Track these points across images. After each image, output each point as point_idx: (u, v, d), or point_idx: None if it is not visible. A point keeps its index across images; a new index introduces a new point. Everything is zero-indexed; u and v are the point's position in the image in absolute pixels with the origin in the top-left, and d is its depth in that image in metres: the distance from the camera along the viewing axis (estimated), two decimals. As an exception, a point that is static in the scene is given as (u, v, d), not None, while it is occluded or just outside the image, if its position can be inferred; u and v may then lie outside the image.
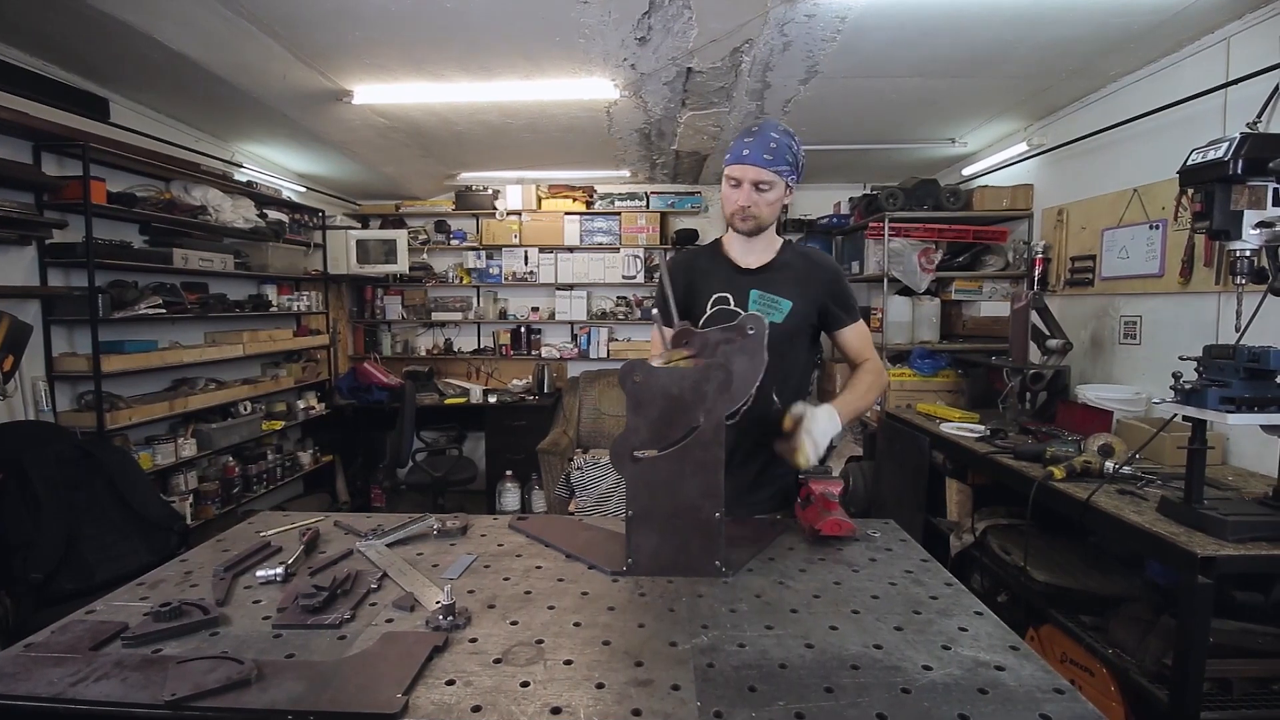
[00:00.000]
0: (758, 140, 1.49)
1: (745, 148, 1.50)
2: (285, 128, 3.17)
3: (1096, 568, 2.13)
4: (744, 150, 1.50)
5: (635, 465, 1.28)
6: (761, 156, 1.48)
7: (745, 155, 1.49)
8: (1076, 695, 0.90)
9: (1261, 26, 2.03)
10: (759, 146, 1.49)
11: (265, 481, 3.59)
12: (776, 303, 1.59)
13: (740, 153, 1.51)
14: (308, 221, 4.02)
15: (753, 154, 1.49)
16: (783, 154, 1.49)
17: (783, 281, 1.60)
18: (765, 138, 1.50)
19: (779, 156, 1.49)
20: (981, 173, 3.79)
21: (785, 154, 1.49)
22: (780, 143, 1.49)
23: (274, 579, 1.25)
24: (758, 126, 1.53)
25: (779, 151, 1.49)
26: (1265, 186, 1.47)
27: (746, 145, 1.50)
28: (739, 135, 1.54)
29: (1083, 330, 2.98)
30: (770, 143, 1.49)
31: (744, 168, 1.50)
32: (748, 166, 1.49)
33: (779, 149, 1.49)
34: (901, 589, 1.24)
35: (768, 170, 1.48)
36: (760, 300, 1.59)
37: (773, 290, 1.59)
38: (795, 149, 1.52)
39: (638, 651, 1.01)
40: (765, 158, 1.48)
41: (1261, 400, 1.48)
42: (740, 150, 1.51)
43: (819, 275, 1.61)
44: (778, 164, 1.49)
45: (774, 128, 1.52)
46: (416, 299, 5.16)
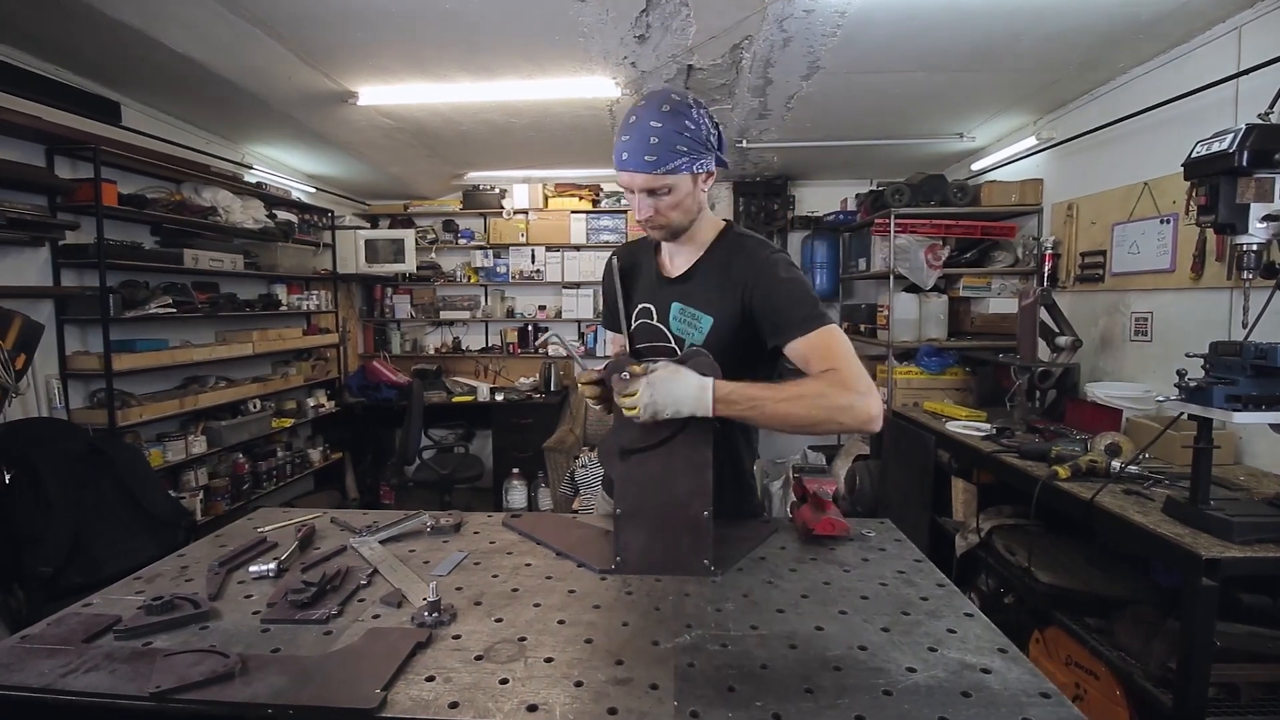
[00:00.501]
0: (634, 138, 1.16)
1: (623, 149, 1.18)
2: (293, 129, 3.21)
3: (1102, 569, 2.10)
4: (622, 154, 1.19)
5: (624, 463, 1.28)
6: (641, 159, 1.17)
7: (624, 160, 1.19)
8: (1063, 700, 0.89)
9: (1274, 15, 1.97)
10: (636, 146, 1.16)
11: (275, 478, 3.64)
12: (696, 319, 1.30)
13: (620, 156, 1.20)
14: (317, 222, 4.07)
15: (631, 158, 1.17)
16: (670, 145, 1.15)
17: (702, 292, 1.30)
18: (643, 132, 1.16)
19: (665, 152, 1.16)
20: (990, 167, 3.73)
21: (675, 143, 1.15)
22: (664, 132, 1.15)
23: (267, 574, 1.27)
24: (635, 115, 1.17)
25: (664, 145, 1.15)
26: (1272, 179, 1.44)
27: (624, 146, 1.18)
28: (619, 128, 1.21)
29: (1093, 327, 2.93)
30: (650, 136, 1.15)
31: (628, 175, 1.20)
32: (631, 174, 1.19)
33: (664, 141, 1.15)
34: (892, 589, 1.23)
35: (654, 174, 1.18)
36: (681, 316, 1.32)
37: (693, 303, 1.30)
38: (694, 128, 1.17)
39: (619, 650, 1.00)
40: (647, 159, 1.16)
41: (1269, 398, 1.45)
42: (619, 154, 1.20)
43: (738, 277, 1.25)
44: (665, 161, 1.16)
45: (655, 110, 1.16)
46: (425, 298, 5.19)
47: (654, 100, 1.18)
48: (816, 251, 4.53)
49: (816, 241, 4.56)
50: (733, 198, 4.88)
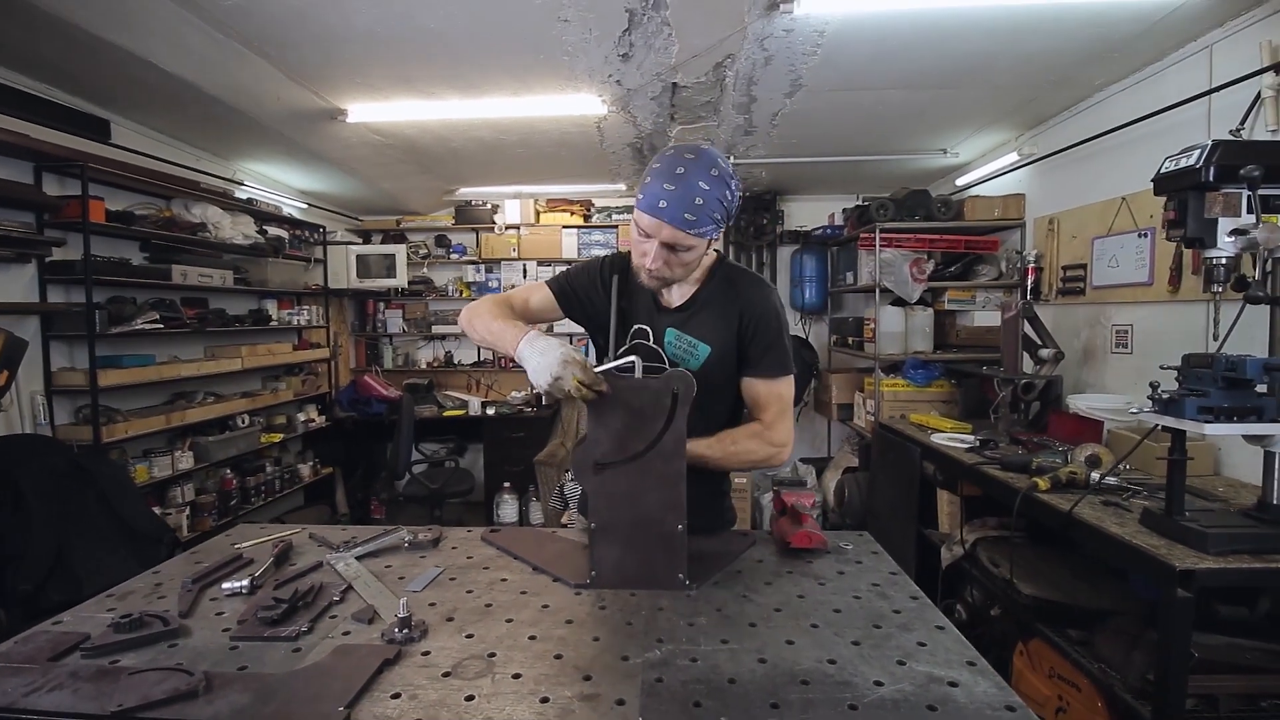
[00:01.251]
0: (680, 191, 1.16)
1: (664, 198, 1.17)
2: (284, 146, 3.24)
3: (1085, 580, 2.10)
4: (661, 201, 1.17)
5: (597, 477, 1.28)
6: (682, 216, 1.17)
7: (662, 209, 1.17)
8: (1029, 713, 0.89)
9: (1244, 33, 2.02)
10: (680, 201, 1.16)
11: (264, 494, 3.62)
12: (694, 347, 1.38)
13: (655, 202, 1.18)
14: (308, 237, 4.09)
15: (671, 210, 1.17)
16: (710, 211, 1.18)
17: (703, 322, 1.37)
18: (691, 189, 1.16)
19: (704, 215, 1.18)
20: (974, 183, 3.78)
21: (714, 210, 1.18)
22: (709, 197, 1.17)
23: (240, 591, 1.26)
24: (684, 168, 1.16)
25: (705, 209, 1.17)
26: (1239, 194, 1.46)
27: (665, 194, 1.17)
28: (658, 169, 1.19)
29: (1075, 339, 2.96)
30: (695, 197, 1.16)
31: (657, 224, 1.19)
32: (662, 224, 1.18)
33: (706, 205, 1.17)
34: (865, 602, 1.23)
35: (687, 233, 1.19)
36: (677, 342, 1.39)
37: (691, 331, 1.37)
38: (729, 198, 1.21)
39: (588, 665, 1.00)
40: (686, 218, 1.17)
41: (1240, 410, 1.46)
42: (656, 199, 1.18)
43: (739, 309, 1.36)
44: (701, 225, 1.18)
45: (705, 172, 1.17)
46: (417, 312, 5.21)
47: (704, 160, 1.19)
48: (805, 265, 4.57)
49: (805, 255, 4.59)
50: (722, 212, 4.92)
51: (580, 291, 1.51)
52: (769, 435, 1.38)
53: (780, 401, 1.39)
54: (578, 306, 1.51)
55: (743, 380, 1.40)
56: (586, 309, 1.50)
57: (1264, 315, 1.59)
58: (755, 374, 1.38)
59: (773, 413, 1.39)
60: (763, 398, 1.39)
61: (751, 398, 1.41)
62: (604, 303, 1.47)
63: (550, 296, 1.50)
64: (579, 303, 1.51)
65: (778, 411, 1.39)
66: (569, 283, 1.52)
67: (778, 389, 1.38)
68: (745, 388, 1.41)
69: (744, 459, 1.40)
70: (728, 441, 1.37)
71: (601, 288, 1.50)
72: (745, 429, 1.40)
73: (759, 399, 1.39)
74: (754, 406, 1.41)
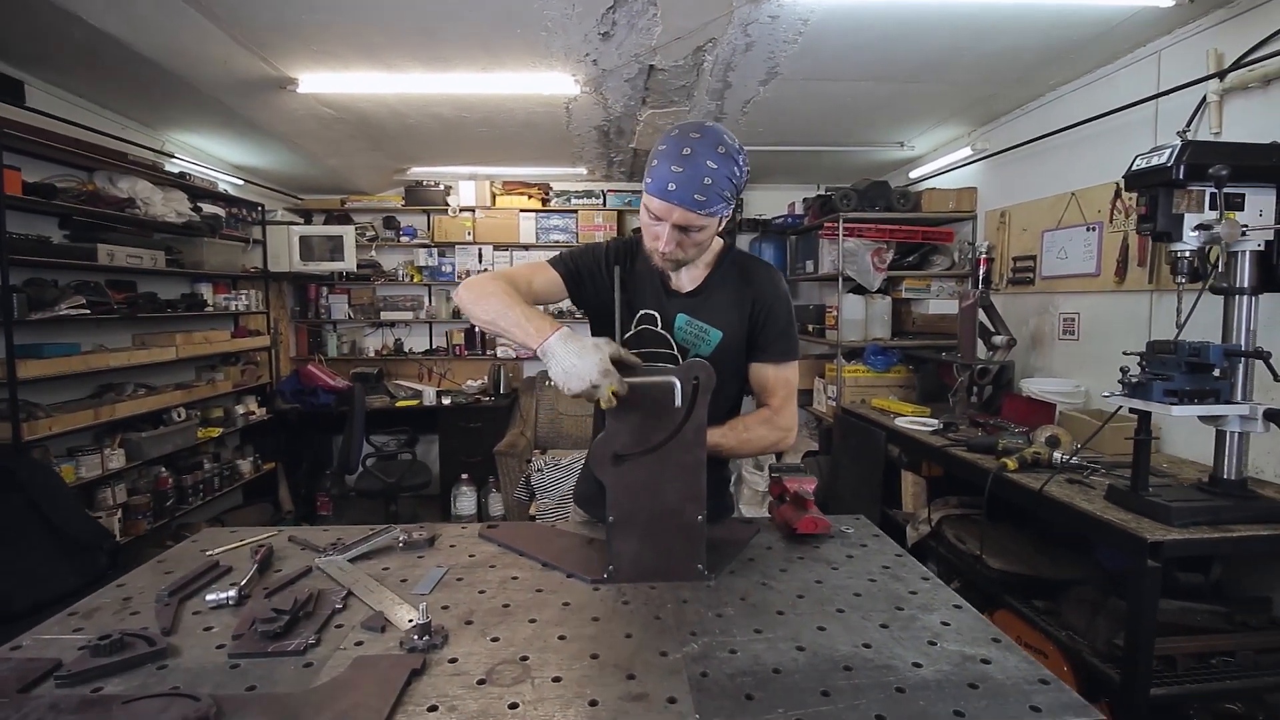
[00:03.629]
0: (689, 173, 1.15)
1: (671, 180, 1.15)
2: (222, 116, 2.98)
3: (1045, 554, 2.24)
4: (669, 184, 1.16)
5: (616, 470, 1.25)
6: (692, 197, 1.16)
7: (671, 191, 1.16)
8: (1061, 685, 0.93)
9: (1190, 41, 2.16)
10: (689, 182, 1.15)
11: (202, 492, 3.37)
12: (705, 333, 1.37)
13: (664, 185, 1.16)
14: (246, 216, 3.80)
15: (680, 192, 1.16)
16: (719, 189, 1.17)
17: (714, 307, 1.37)
18: (699, 169, 1.14)
19: (714, 195, 1.16)
20: (927, 176, 3.92)
21: (723, 188, 1.17)
22: (718, 176, 1.16)
23: (226, 602, 1.16)
24: (690, 148, 1.15)
25: (714, 189, 1.16)
26: (1203, 191, 1.57)
27: (674, 177, 1.15)
28: (665, 151, 1.18)
29: (1024, 326, 3.13)
30: (704, 178, 1.15)
31: (668, 206, 1.18)
32: (673, 207, 1.17)
33: (715, 184, 1.16)
34: (881, 585, 1.26)
35: (697, 214, 1.18)
36: (687, 328, 1.38)
37: (702, 317, 1.37)
38: (738, 175, 1.19)
39: (628, 664, 0.98)
40: (696, 198, 1.16)
41: (1200, 392, 1.57)
42: (664, 182, 1.16)
43: (751, 296, 1.37)
44: (712, 204, 1.17)
45: (712, 150, 1.16)
46: (364, 298, 4.96)
47: (710, 137, 1.17)
48: (764, 254, 4.63)
49: (764, 244, 4.65)
50: (682, 199, 4.91)
51: (587, 275, 1.46)
52: (778, 420, 1.41)
53: (788, 386, 1.42)
54: (586, 291, 1.45)
55: (751, 365, 1.41)
56: (592, 293, 1.46)
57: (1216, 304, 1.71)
58: (765, 359, 1.40)
59: (780, 397, 1.41)
60: (771, 383, 1.41)
61: (760, 383, 1.42)
62: (606, 289, 1.42)
63: (557, 279, 1.44)
64: (585, 287, 1.45)
65: (785, 396, 1.41)
66: (576, 265, 1.46)
67: (785, 374, 1.41)
68: (754, 372, 1.42)
69: (755, 445, 1.40)
70: (740, 429, 1.38)
71: (606, 273, 1.46)
72: (755, 415, 1.41)
73: (768, 384, 1.41)
74: (762, 391, 1.43)
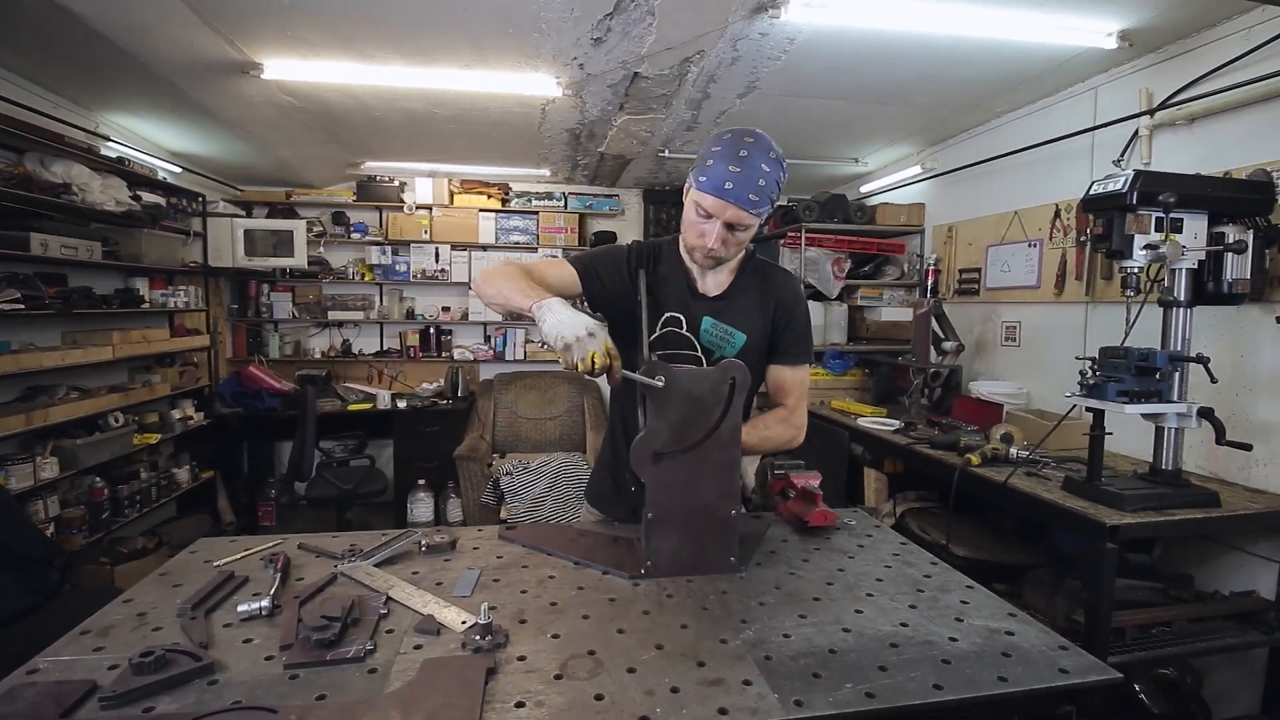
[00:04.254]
0: (745, 173, 1.21)
1: (729, 179, 1.21)
2: (172, 99, 2.77)
3: (1002, 542, 2.44)
4: (726, 183, 1.22)
5: (656, 468, 1.28)
6: (746, 196, 1.22)
7: (728, 190, 1.22)
8: (1079, 650, 1.04)
9: (1125, 80, 2.43)
10: (745, 183, 1.21)
11: (139, 504, 3.11)
12: (730, 335, 1.43)
13: (721, 184, 1.22)
14: (186, 207, 3.54)
15: (737, 191, 1.22)
16: (770, 192, 1.24)
17: (740, 311, 1.43)
18: (754, 171, 1.21)
19: (765, 196, 1.24)
20: (877, 191, 4.17)
21: (772, 191, 1.25)
22: (770, 178, 1.23)
23: (259, 613, 1.11)
24: (746, 150, 1.22)
25: (766, 190, 1.23)
26: (1150, 216, 1.78)
27: (731, 177, 1.21)
28: (720, 151, 1.24)
29: (969, 334, 3.38)
30: (759, 179, 1.21)
31: (722, 204, 1.23)
32: (727, 205, 1.23)
33: (767, 186, 1.23)
34: (897, 571, 1.36)
35: (749, 213, 1.24)
36: (713, 330, 1.43)
37: (728, 320, 1.42)
38: (783, 179, 1.28)
39: (694, 652, 1.02)
40: (750, 198, 1.22)
41: (1147, 393, 1.78)
42: (721, 180, 1.22)
43: (774, 299, 1.44)
44: (762, 205, 1.25)
45: (765, 154, 1.23)
46: (310, 296, 4.71)
47: (763, 144, 1.25)
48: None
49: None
50: (643, 205, 4.99)
51: (604, 276, 1.49)
52: (793, 419, 1.49)
53: (802, 387, 1.51)
54: (599, 291, 1.47)
55: (770, 367, 1.49)
56: (608, 294, 1.48)
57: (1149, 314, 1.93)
58: (784, 361, 1.48)
59: (795, 398, 1.50)
60: (788, 384, 1.49)
61: (777, 383, 1.50)
62: (625, 291, 1.46)
63: (572, 274, 1.46)
64: (601, 287, 1.48)
65: (799, 397, 1.50)
66: (593, 265, 1.49)
67: (801, 376, 1.50)
68: (772, 374, 1.49)
69: (774, 442, 1.48)
70: (761, 427, 1.45)
71: (628, 276, 1.49)
72: (773, 415, 1.49)
73: (785, 385, 1.49)
74: (778, 392, 1.50)
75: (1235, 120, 2.06)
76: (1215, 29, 2.10)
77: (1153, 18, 2.08)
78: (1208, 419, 1.77)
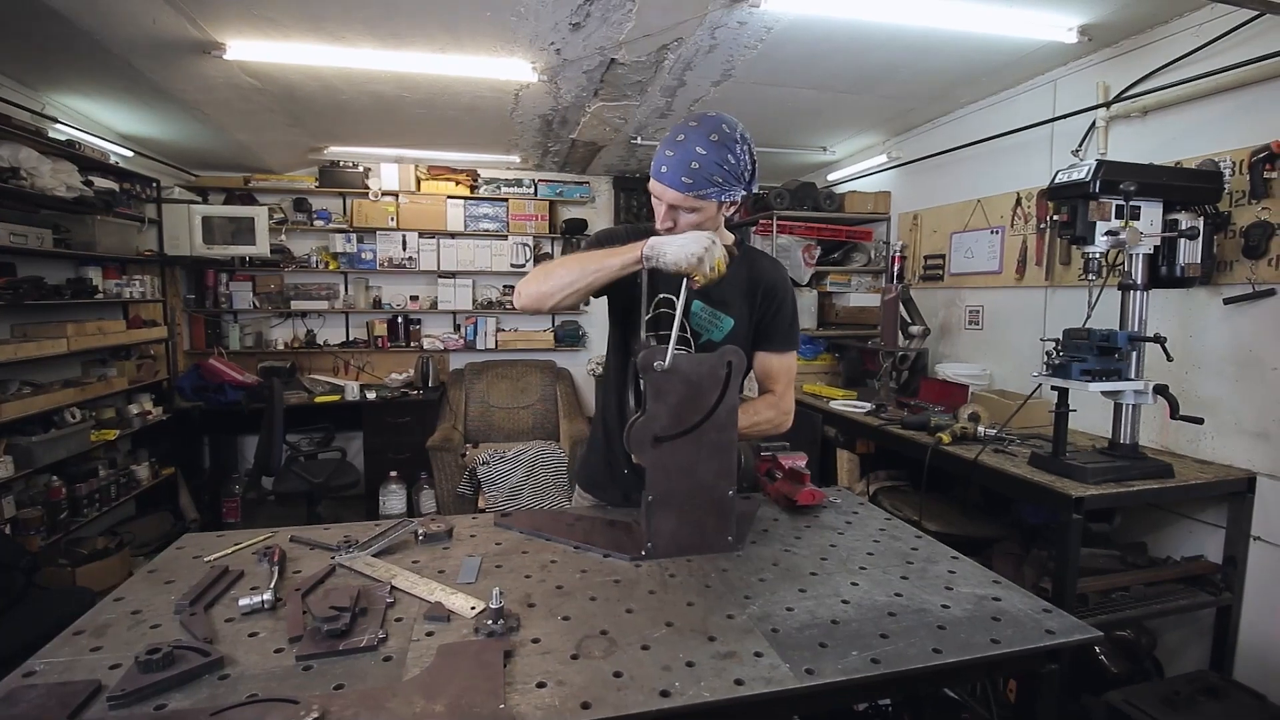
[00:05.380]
0: (679, 156, 1.23)
1: (664, 162, 1.25)
2: (126, 80, 2.63)
3: (968, 516, 2.56)
4: (661, 166, 1.26)
5: (655, 451, 1.30)
6: (679, 179, 1.24)
7: (663, 173, 1.26)
8: (1061, 613, 1.12)
9: (1083, 73, 2.54)
10: (678, 165, 1.24)
11: (98, 503, 2.98)
12: (718, 319, 1.45)
13: (658, 167, 1.27)
14: (140, 193, 3.37)
15: (670, 174, 1.25)
16: (708, 174, 1.23)
17: (727, 296, 1.44)
18: (687, 153, 1.23)
19: (701, 179, 1.23)
20: (843, 179, 4.25)
21: (713, 173, 1.23)
22: (706, 161, 1.22)
23: (262, 606, 1.10)
24: (684, 134, 1.24)
25: (702, 173, 1.23)
26: (1111, 203, 1.87)
27: (665, 160, 1.25)
28: (665, 138, 1.28)
29: (934, 318, 3.50)
30: (692, 161, 1.22)
31: (661, 187, 1.27)
32: (665, 188, 1.26)
33: (703, 169, 1.23)
34: (885, 545, 1.42)
35: (686, 196, 1.26)
36: (702, 313, 1.45)
37: (715, 304, 1.44)
38: (733, 161, 1.25)
39: (703, 627, 1.05)
40: (683, 181, 1.24)
41: (1108, 371, 1.89)
42: (659, 164, 1.27)
43: (759, 287, 1.46)
44: (699, 187, 1.24)
45: (704, 137, 1.23)
46: (271, 285, 4.56)
47: (705, 126, 1.25)
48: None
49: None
50: (613, 193, 4.97)
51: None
52: (781, 404, 1.53)
53: (789, 374, 1.54)
54: None
55: (757, 353, 1.51)
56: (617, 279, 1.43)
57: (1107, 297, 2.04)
58: (771, 348, 1.51)
59: (783, 383, 1.53)
60: (775, 370, 1.52)
61: (764, 370, 1.53)
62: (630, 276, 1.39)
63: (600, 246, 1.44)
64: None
65: (786, 383, 1.54)
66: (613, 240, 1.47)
67: (788, 362, 1.54)
68: (759, 360, 1.52)
69: (761, 427, 1.51)
70: (751, 412, 1.47)
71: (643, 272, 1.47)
72: (762, 400, 1.52)
73: (772, 371, 1.52)
74: (765, 378, 1.53)
75: (1186, 113, 2.18)
76: (1168, 25, 2.21)
77: (1110, 14, 2.18)
78: (1163, 395, 1.89)
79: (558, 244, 4.93)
